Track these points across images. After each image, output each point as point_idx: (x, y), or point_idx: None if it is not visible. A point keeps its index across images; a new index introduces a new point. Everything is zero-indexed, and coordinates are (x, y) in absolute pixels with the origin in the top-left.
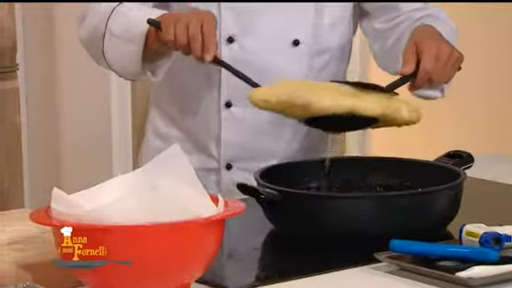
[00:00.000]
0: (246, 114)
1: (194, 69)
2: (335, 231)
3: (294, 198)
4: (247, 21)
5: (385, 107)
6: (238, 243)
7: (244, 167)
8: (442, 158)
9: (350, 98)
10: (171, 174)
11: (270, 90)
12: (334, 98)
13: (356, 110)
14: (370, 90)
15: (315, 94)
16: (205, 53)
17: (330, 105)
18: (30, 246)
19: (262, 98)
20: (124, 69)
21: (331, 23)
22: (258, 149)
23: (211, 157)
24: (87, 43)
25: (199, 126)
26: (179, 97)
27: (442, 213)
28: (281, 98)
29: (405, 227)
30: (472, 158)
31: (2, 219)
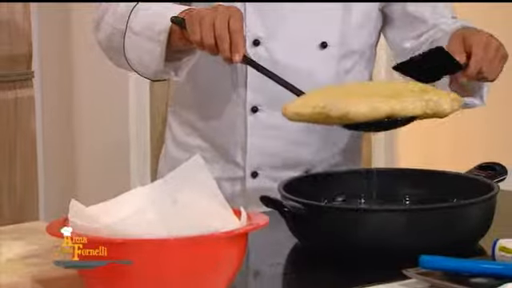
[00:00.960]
0: (273, 119)
1: (217, 71)
2: (362, 246)
3: (319, 211)
4: (274, 23)
5: (424, 104)
6: (261, 258)
7: (270, 175)
8: (474, 170)
9: (387, 100)
10: (192, 187)
11: (303, 102)
12: (371, 103)
13: (395, 113)
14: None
15: (350, 101)
16: (234, 53)
17: (367, 112)
18: (47, 259)
19: (295, 111)
20: (146, 68)
21: (358, 23)
22: (285, 156)
23: (236, 165)
24: (106, 44)
25: (223, 133)
26: (201, 102)
27: (473, 227)
28: (315, 110)
29: (435, 242)
30: (505, 171)
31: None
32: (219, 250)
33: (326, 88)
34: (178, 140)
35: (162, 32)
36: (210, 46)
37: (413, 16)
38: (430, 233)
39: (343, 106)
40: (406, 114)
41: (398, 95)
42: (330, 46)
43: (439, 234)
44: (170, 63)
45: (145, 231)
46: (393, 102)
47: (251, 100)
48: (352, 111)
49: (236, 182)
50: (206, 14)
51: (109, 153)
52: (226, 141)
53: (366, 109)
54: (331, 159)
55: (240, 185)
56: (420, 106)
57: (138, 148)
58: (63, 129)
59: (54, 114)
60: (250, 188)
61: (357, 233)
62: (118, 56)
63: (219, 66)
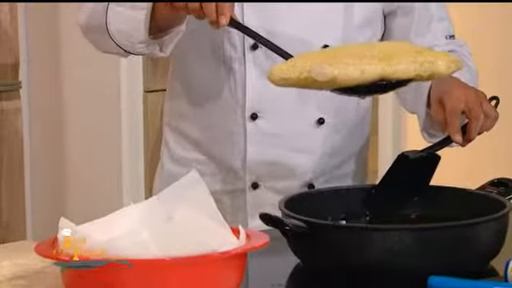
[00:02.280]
0: (273, 126)
1: (213, 78)
2: (367, 266)
3: (323, 229)
4: (273, 26)
5: (418, 66)
6: (261, 279)
7: (272, 186)
8: (486, 186)
9: (378, 62)
10: (188, 204)
11: (290, 67)
12: (361, 66)
13: (386, 76)
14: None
15: (338, 65)
16: (220, 15)
17: (356, 75)
18: (35, 281)
19: (281, 76)
20: (130, 39)
21: (360, 24)
22: (287, 165)
23: (236, 176)
24: (88, 24)
25: (221, 144)
26: (197, 112)
27: (485, 247)
28: (302, 75)
29: (445, 262)
30: None
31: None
32: (217, 271)
33: (316, 51)
34: (174, 155)
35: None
36: (195, 9)
37: None
38: (440, 253)
39: (331, 70)
40: (399, 77)
41: (391, 56)
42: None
43: (449, 253)
44: (155, 39)
45: (138, 251)
46: (384, 63)
47: (250, 107)
48: (340, 75)
49: (236, 195)
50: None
51: (100, 170)
52: (224, 151)
53: (355, 72)
54: (335, 169)
55: (240, 197)
56: (414, 68)
57: (130, 164)
58: (52, 144)
59: (43, 128)
60: (251, 200)
61: (363, 253)
62: (101, 34)
63: (215, 72)
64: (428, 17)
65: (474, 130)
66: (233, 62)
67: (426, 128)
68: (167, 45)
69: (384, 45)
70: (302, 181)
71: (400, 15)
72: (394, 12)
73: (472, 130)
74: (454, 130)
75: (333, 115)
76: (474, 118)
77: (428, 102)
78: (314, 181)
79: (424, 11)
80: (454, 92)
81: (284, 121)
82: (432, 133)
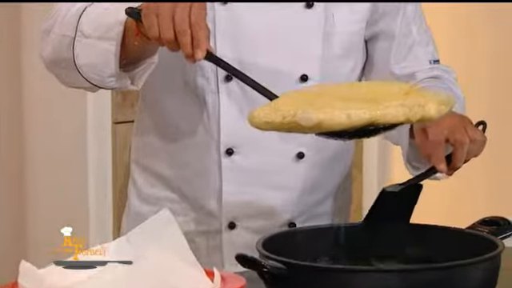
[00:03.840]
0: (251, 161)
1: (185, 111)
2: None
3: (302, 271)
4: (249, 57)
5: (407, 110)
6: None
7: (250, 226)
8: (476, 225)
9: (366, 106)
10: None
11: (272, 110)
12: (347, 110)
13: (375, 120)
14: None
15: (324, 109)
16: (196, 49)
17: (343, 121)
18: None
19: (263, 120)
20: (99, 74)
21: (340, 55)
22: (266, 203)
23: (211, 216)
24: (53, 58)
25: (195, 181)
26: (168, 148)
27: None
28: (286, 119)
29: None
30: (510, 226)
31: None
32: None
33: (299, 91)
34: (142, 193)
35: (116, 27)
36: (169, 40)
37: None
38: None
39: (316, 115)
40: (387, 122)
41: (379, 99)
42: (311, 79)
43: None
44: (125, 72)
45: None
46: (373, 107)
47: (225, 141)
48: (326, 120)
49: (211, 236)
50: (165, 5)
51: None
52: (198, 190)
53: (342, 117)
54: (316, 206)
55: (216, 238)
56: (403, 112)
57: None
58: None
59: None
60: (228, 241)
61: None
62: (68, 69)
63: (186, 105)
64: (409, 41)
65: (459, 156)
66: (206, 94)
67: (409, 160)
68: (139, 77)
69: (370, 86)
70: (281, 219)
71: (381, 40)
72: (376, 36)
73: (457, 157)
74: (438, 158)
75: (313, 149)
76: (459, 144)
77: (411, 132)
78: (294, 219)
79: (405, 35)
80: (438, 119)
81: (262, 156)
82: (416, 165)
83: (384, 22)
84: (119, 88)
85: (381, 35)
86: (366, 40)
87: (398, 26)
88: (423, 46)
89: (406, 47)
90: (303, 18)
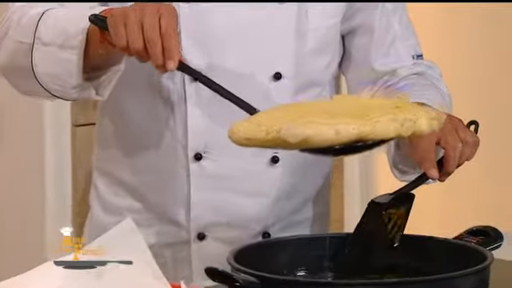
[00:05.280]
0: (221, 167)
1: (150, 114)
2: None
3: (277, 285)
4: (218, 57)
5: (399, 125)
6: None
7: (221, 237)
8: (464, 235)
9: (354, 122)
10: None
11: (254, 126)
12: (336, 126)
13: (365, 136)
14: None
15: (311, 124)
16: (167, 59)
17: (331, 137)
18: None
19: (245, 136)
20: (61, 85)
21: (315, 50)
22: (238, 211)
23: (178, 227)
24: (9, 65)
25: (160, 189)
26: (131, 153)
27: None
28: (269, 135)
29: None
30: (500, 236)
31: None
32: None
33: (282, 106)
34: (105, 201)
35: (79, 35)
36: (138, 51)
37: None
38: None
39: (302, 131)
40: (378, 137)
41: (368, 114)
42: (285, 77)
43: None
44: (89, 81)
45: None
46: (361, 123)
47: (193, 146)
48: (313, 136)
49: (179, 248)
50: (132, 12)
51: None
52: (164, 198)
53: (330, 133)
54: (292, 215)
55: (184, 250)
56: (394, 128)
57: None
58: None
59: None
60: (197, 254)
61: None
62: (25, 77)
63: (151, 107)
64: (390, 35)
65: (451, 161)
66: (171, 95)
67: (395, 164)
68: (105, 86)
69: (358, 99)
70: (255, 229)
71: (360, 34)
72: (354, 31)
73: (450, 162)
74: (429, 164)
75: (289, 152)
76: (451, 147)
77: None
78: (269, 228)
79: (385, 29)
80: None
81: (233, 160)
82: (403, 169)
83: (362, 15)
84: (83, 99)
85: (359, 30)
86: (343, 35)
87: (377, 20)
88: (405, 40)
89: (387, 42)
90: (274, 14)
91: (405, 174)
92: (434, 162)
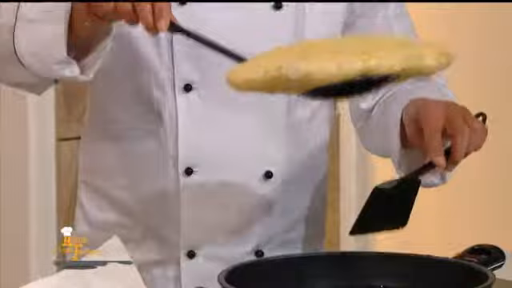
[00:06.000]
0: (212, 182)
1: (138, 126)
2: None
3: None
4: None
5: (404, 59)
6: None
7: (212, 255)
8: (465, 254)
9: (358, 55)
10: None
11: (253, 66)
12: (339, 59)
13: (369, 70)
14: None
15: (313, 59)
16: (158, 19)
17: (334, 70)
18: None
19: (244, 77)
20: (45, 61)
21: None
22: (230, 229)
23: (168, 244)
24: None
25: (149, 205)
26: (119, 166)
27: None
28: (269, 73)
29: None
30: (502, 255)
31: None
32: None
33: (281, 48)
34: (90, 217)
35: (62, 8)
36: (127, 13)
37: None
38: None
39: (304, 65)
40: (383, 72)
41: (371, 50)
42: None
43: None
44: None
45: None
46: (366, 57)
47: (184, 160)
48: (316, 70)
49: (168, 266)
50: None
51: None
52: (153, 214)
53: (333, 66)
54: (287, 232)
55: (173, 268)
56: (399, 61)
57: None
58: None
59: None
60: (187, 272)
61: None
62: (6, 61)
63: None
64: None
65: (459, 148)
66: (162, 107)
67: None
68: (90, 66)
69: (361, 38)
70: (247, 247)
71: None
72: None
73: (457, 149)
74: (436, 151)
75: (283, 167)
76: (459, 133)
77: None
78: (262, 246)
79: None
80: (432, 107)
81: (225, 175)
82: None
83: (362, 23)
84: (68, 79)
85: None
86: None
87: (377, 28)
88: None
89: None
90: (271, 21)
91: None
92: (441, 149)
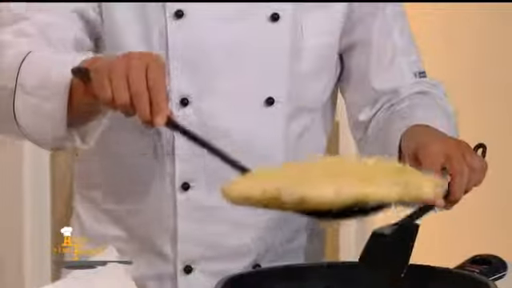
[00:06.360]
0: (209, 197)
1: (135, 138)
2: None
3: None
4: (208, 79)
5: (401, 189)
6: None
7: (209, 270)
8: (466, 264)
9: (355, 182)
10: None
11: (251, 183)
12: (336, 185)
13: (365, 198)
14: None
15: (310, 183)
16: (155, 114)
17: (331, 197)
18: None
19: (241, 194)
20: (44, 136)
21: (310, 73)
22: (227, 243)
23: (164, 258)
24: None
25: (146, 219)
26: (115, 180)
27: None
28: (266, 193)
29: None
30: (504, 265)
31: None
32: None
33: (278, 167)
34: (87, 230)
35: (61, 87)
36: (124, 105)
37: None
38: None
39: (301, 189)
40: (379, 201)
41: (369, 176)
42: (278, 102)
43: None
44: (74, 128)
45: None
46: (363, 184)
47: (181, 175)
48: (312, 196)
49: (165, 281)
50: (117, 64)
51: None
52: (149, 228)
53: (330, 193)
54: (285, 243)
55: (170, 283)
56: (396, 191)
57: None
58: None
59: None
60: (183, 287)
61: None
62: (5, 121)
63: (136, 133)
64: (391, 50)
65: (458, 188)
66: None
67: None
68: (91, 134)
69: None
70: (245, 261)
71: (358, 50)
72: (353, 47)
73: (456, 189)
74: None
75: None
76: (458, 174)
77: (400, 153)
78: (260, 260)
79: (385, 43)
80: (431, 145)
81: None
82: None
83: (360, 29)
84: (67, 148)
85: (358, 45)
86: (342, 53)
87: (376, 33)
88: (406, 55)
89: (387, 57)
90: (268, 34)
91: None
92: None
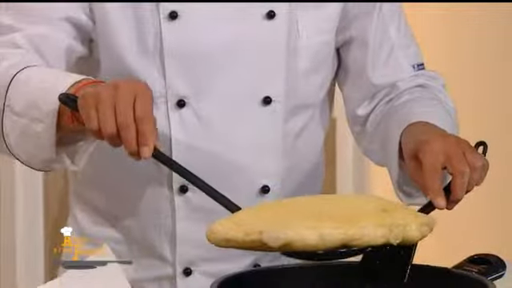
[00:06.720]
0: (207, 199)
1: None
2: None
3: None
4: (203, 79)
5: (387, 230)
6: None
7: (208, 272)
8: (464, 263)
9: (340, 226)
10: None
11: (234, 225)
12: (320, 230)
13: (351, 242)
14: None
15: (294, 228)
16: (141, 146)
17: (315, 241)
18: None
19: (224, 236)
20: (33, 157)
21: (307, 71)
22: None
23: (163, 261)
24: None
25: (144, 221)
26: (113, 181)
27: None
28: (249, 237)
29: None
30: (503, 265)
31: None
32: None
33: (264, 206)
34: (84, 231)
35: (50, 112)
36: (111, 136)
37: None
38: None
39: (284, 234)
40: (364, 243)
41: (354, 217)
42: (275, 100)
43: None
44: (63, 148)
45: None
46: (347, 227)
47: (178, 177)
48: (296, 240)
49: (164, 283)
50: (105, 94)
51: None
52: (147, 231)
53: (314, 237)
54: None
55: (169, 286)
56: (382, 234)
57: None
58: None
59: None
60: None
61: None
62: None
63: None
64: (388, 43)
65: (459, 187)
66: None
67: (400, 185)
68: (79, 156)
69: (345, 201)
70: (245, 262)
71: (356, 44)
72: (350, 42)
73: (457, 189)
74: (435, 191)
75: (280, 181)
76: (459, 173)
77: (401, 152)
78: (259, 260)
79: (382, 37)
80: (431, 144)
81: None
82: (408, 191)
83: (357, 24)
84: (56, 169)
85: (355, 39)
86: (339, 47)
87: (373, 28)
88: (404, 48)
89: (385, 51)
90: (263, 32)
91: (411, 197)
92: (440, 189)
